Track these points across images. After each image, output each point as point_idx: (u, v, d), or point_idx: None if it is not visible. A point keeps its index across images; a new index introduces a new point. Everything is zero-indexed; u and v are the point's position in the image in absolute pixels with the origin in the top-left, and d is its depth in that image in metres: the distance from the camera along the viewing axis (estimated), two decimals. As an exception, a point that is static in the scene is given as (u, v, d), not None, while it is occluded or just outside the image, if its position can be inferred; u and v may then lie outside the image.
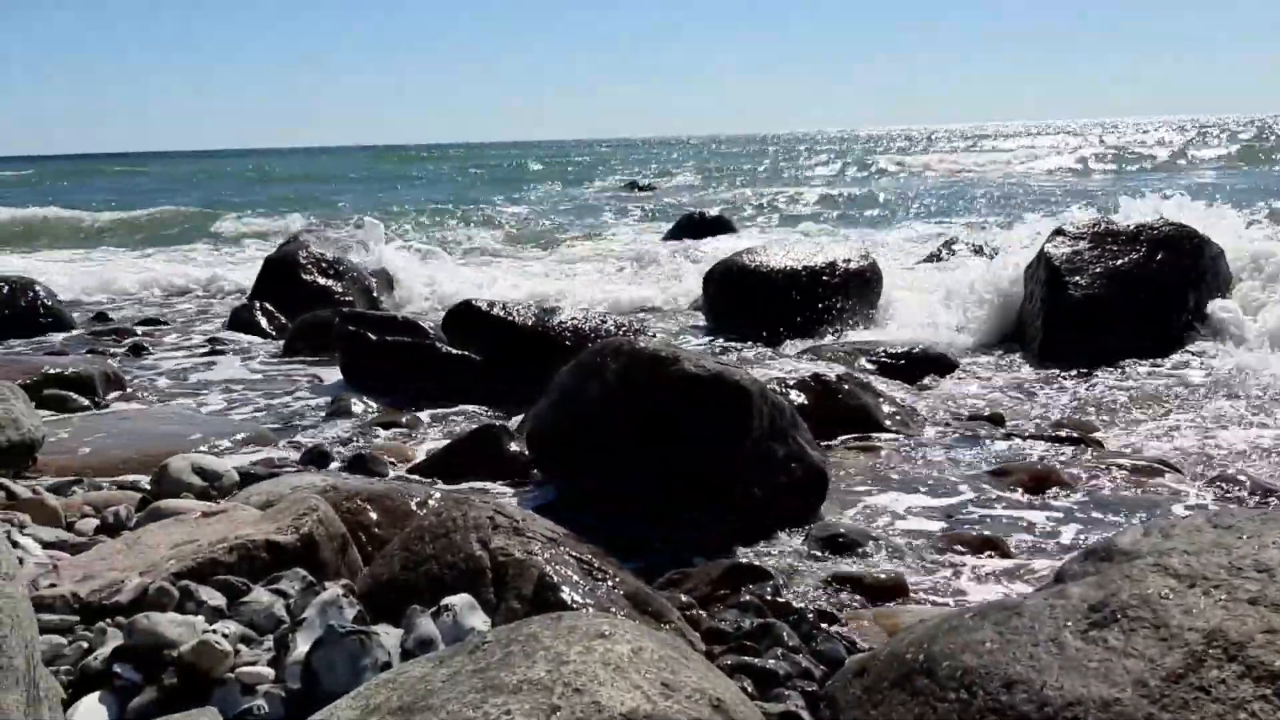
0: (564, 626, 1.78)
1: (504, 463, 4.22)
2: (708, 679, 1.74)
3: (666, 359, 3.67)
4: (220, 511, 2.93)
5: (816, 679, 2.40)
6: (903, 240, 13.53)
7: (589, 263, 12.88)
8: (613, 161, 50.60)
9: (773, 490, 3.67)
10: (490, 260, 13.70)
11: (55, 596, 2.28)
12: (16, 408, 3.88)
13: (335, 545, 2.71)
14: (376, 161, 60.65)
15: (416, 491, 3.34)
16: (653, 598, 2.64)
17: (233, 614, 2.24)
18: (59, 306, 8.65)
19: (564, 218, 20.64)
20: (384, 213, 18.73)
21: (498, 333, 5.84)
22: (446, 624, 2.10)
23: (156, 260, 14.25)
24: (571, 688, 1.59)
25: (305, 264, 9.07)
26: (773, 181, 31.15)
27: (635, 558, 3.19)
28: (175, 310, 9.80)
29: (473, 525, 2.57)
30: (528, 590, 2.40)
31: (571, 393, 3.87)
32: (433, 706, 1.59)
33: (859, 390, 4.99)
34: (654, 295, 9.78)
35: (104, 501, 3.48)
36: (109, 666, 2.00)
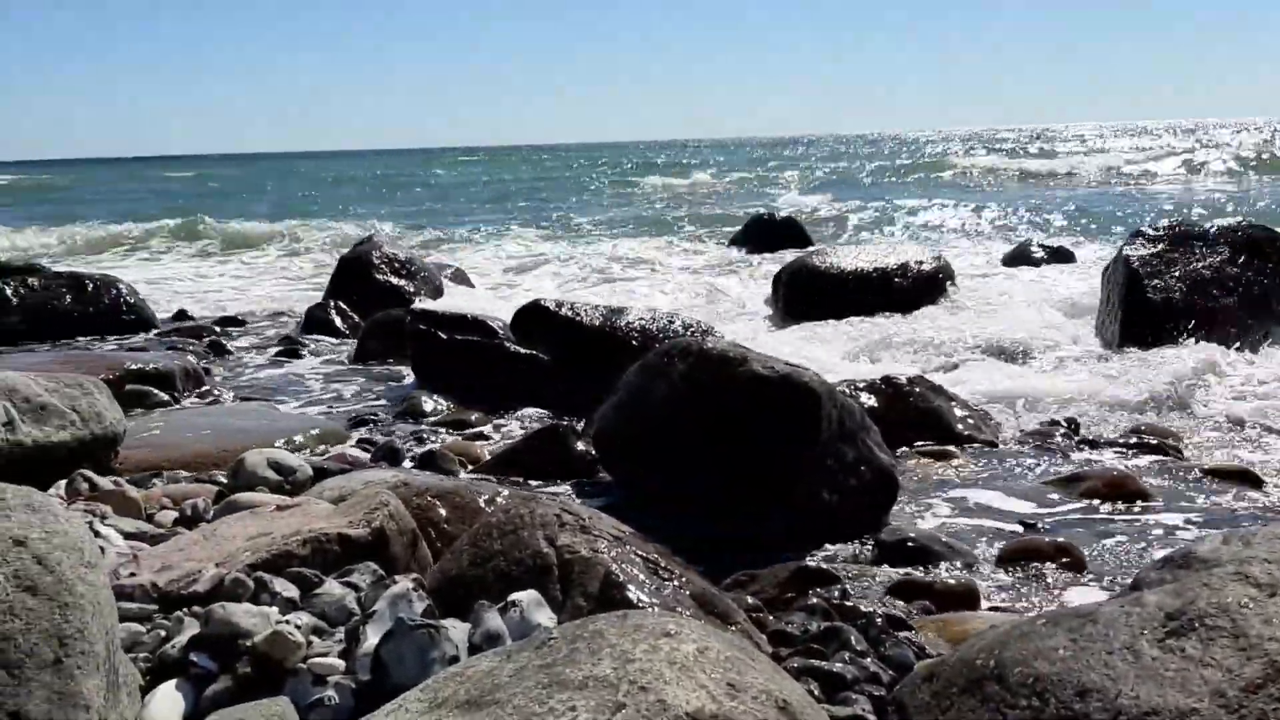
0: (630, 624, 1.78)
1: (571, 462, 4.24)
2: (774, 680, 1.72)
3: (734, 359, 3.66)
4: (294, 505, 2.98)
5: (884, 684, 2.37)
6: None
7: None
8: (691, 162, 49.87)
9: (841, 493, 3.64)
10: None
11: (135, 586, 2.33)
12: (100, 402, 3.99)
13: (405, 540, 2.74)
14: (437, 164, 60.14)
15: (485, 489, 3.37)
16: (719, 599, 2.63)
17: (305, 606, 2.27)
18: (140, 304, 8.87)
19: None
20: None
21: (565, 332, 5.87)
22: (513, 620, 2.11)
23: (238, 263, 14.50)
24: (637, 686, 1.59)
25: (377, 263, 9.21)
26: (902, 188, 26.68)
27: (701, 558, 3.19)
28: (253, 309, 10.00)
29: (540, 523, 2.58)
30: (594, 588, 2.41)
31: (638, 393, 3.87)
32: (499, 701, 1.60)
33: (930, 393, 4.93)
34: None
35: (182, 494, 3.57)
36: (186, 655, 2.04)
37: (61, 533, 1.74)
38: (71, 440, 3.79)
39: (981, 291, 9.28)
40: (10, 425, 3.62)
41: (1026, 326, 7.58)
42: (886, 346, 6.91)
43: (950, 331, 7.56)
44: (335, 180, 43.09)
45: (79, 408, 3.88)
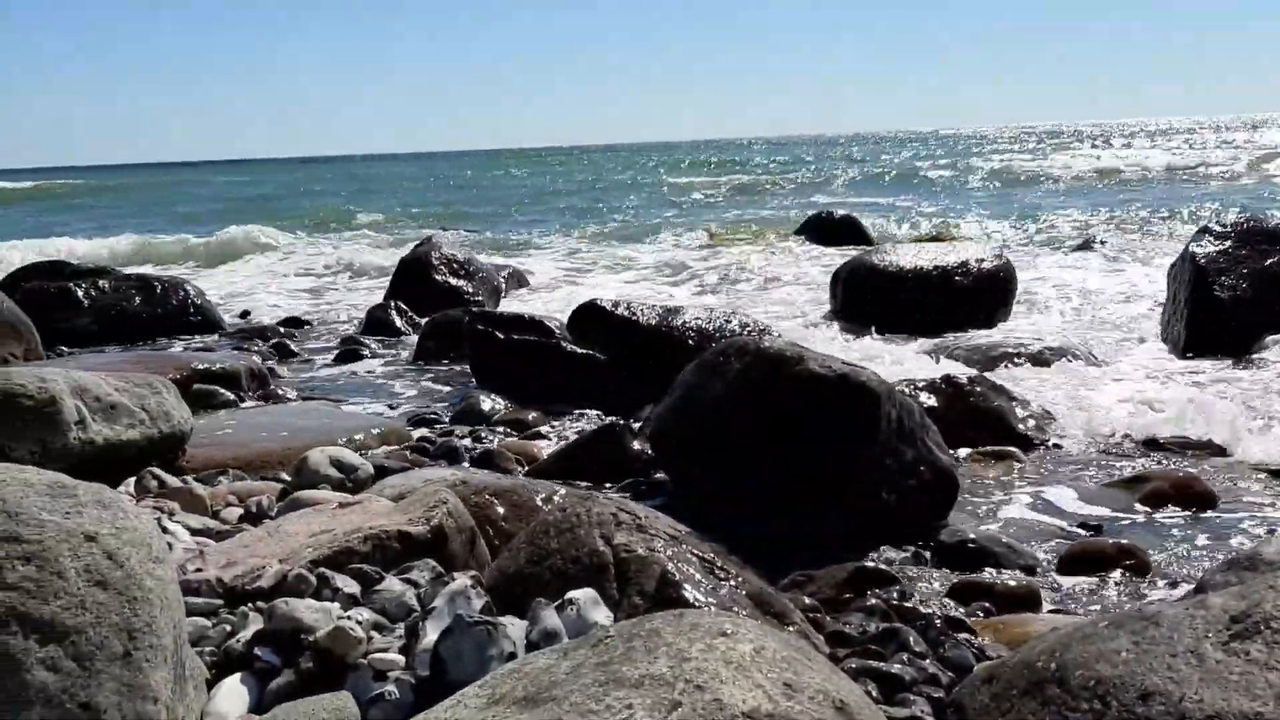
0: (686, 623, 1.78)
1: (627, 461, 4.25)
2: (831, 681, 1.72)
3: (791, 358, 3.64)
4: (355, 503, 3.03)
5: (943, 686, 2.35)
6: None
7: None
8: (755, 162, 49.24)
9: (900, 494, 3.61)
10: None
11: (201, 581, 2.39)
12: (168, 401, 4.08)
13: (464, 538, 2.77)
14: (494, 166, 59.68)
15: (542, 487, 3.39)
16: (776, 599, 2.62)
17: (366, 602, 2.30)
18: (207, 305, 9.05)
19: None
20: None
21: (621, 332, 5.88)
22: (570, 617, 2.13)
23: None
24: (693, 684, 1.59)
25: (436, 264, 9.31)
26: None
27: (758, 558, 3.17)
28: (316, 310, 10.15)
29: (596, 521, 2.59)
30: (650, 587, 2.42)
31: (694, 392, 3.87)
32: (556, 698, 1.61)
33: (991, 393, 4.87)
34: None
35: (247, 491, 3.63)
36: (250, 649, 2.08)
37: (131, 529, 1.78)
38: (141, 439, 3.88)
39: (1043, 290, 9.16)
40: (82, 424, 3.72)
41: (1087, 325, 7.47)
42: (949, 346, 6.84)
43: (1009, 332, 7.47)
44: (395, 182, 43.43)
45: (148, 407, 3.97)
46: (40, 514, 1.71)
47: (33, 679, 1.53)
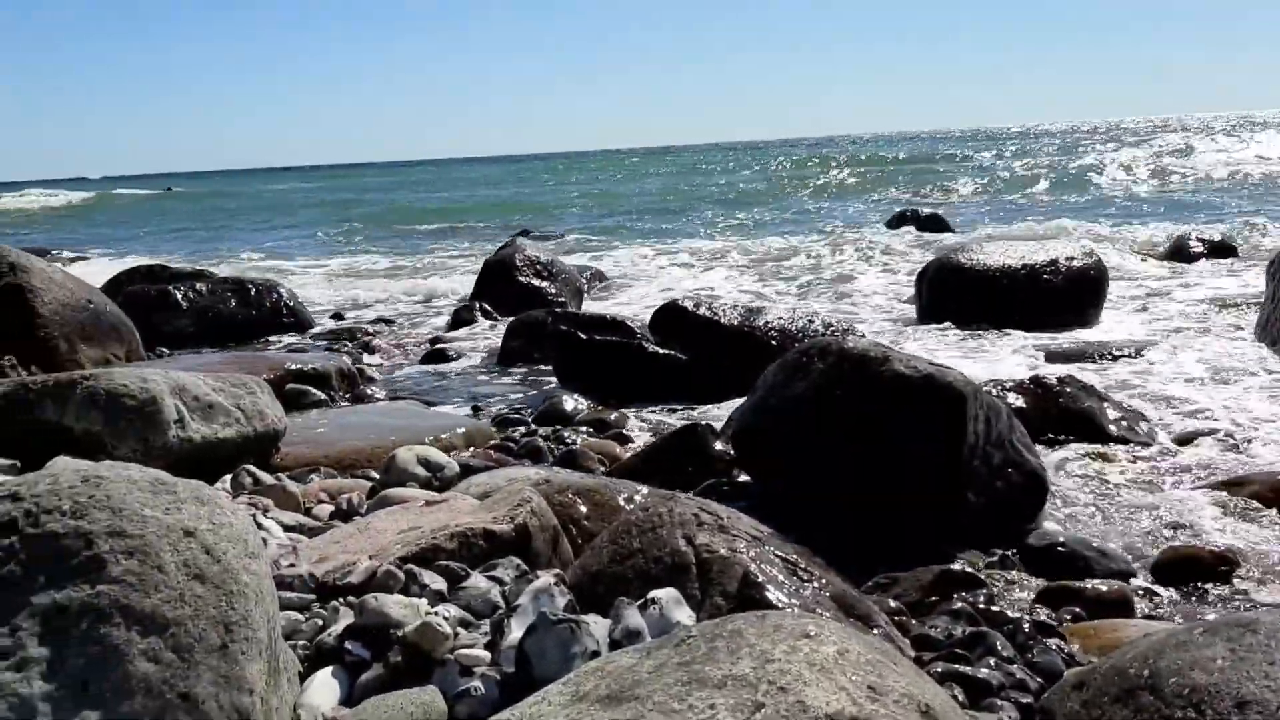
0: (769, 625, 1.78)
1: (709, 461, 4.24)
2: (916, 684, 1.70)
3: (876, 359, 3.61)
4: (442, 501, 3.08)
5: (1032, 691, 2.31)
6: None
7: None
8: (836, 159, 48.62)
9: (988, 496, 3.55)
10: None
11: (294, 576, 2.44)
12: (263, 400, 4.19)
13: (547, 536, 2.80)
14: (576, 169, 59.34)
15: (624, 487, 3.40)
16: (860, 601, 2.60)
17: (452, 598, 2.34)
18: (300, 307, 9.27)
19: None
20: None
21: (703, 332, 5.88)
22: (653, 617, 2.14)
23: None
24: (776, 686, 1.58)
25: (520, 266, 9.40)
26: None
27: (841, 560, 3.15)
28: (404, 311, 10.32)
29: (678, 521, 2.60)
30: (732, 587, 2.42)
31: (777, 392, 3.85)
32: (639, 697, 1.62)
33: (1081, 393, 4.76)
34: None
35: (338, 489, 3.72)
36: (341, 643, 2.13)
37: (228, 524, 1.83)
38: (236, 437, 3.99)
39: (1135, 290, 8.92)
40: (181, 423, 3.83)
41: (1180, 325, 7.26)
42: (1037, 346, 6.71)
43: (1100, 332, 7.30)
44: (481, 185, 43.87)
45: (243, 406, 4.08)
46: (142, 510, 1.77)
47: (135, 669, 1.58)
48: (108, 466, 1.88)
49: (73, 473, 1.84)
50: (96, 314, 6.81)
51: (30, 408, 3.87)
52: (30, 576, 1.67)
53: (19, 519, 1.74)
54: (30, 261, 6.83)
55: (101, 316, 6.83)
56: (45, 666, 1.58)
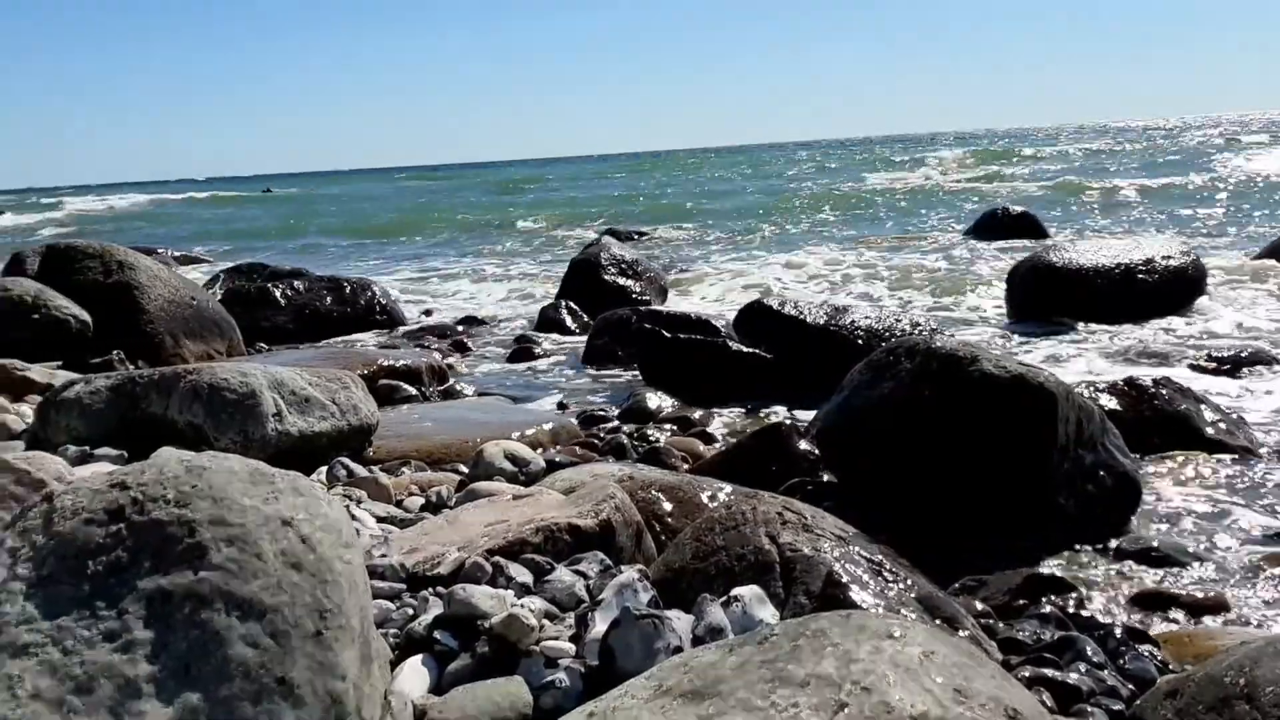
0: (853, 624, 1.77)
1: (793, 460, 4.22)
2: (1003, 688, 1.68)
3: (964, 358, 3.56)
4: (528, 495, 3.12)
5: (1123, 698, 2.26)
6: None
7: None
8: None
9: (1079, 499, 3.48)
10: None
11: (385, 566, 2.50)
12: (357, 395, 4.29)
13: (631, 531, 2.82)
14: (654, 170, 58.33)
15: (707, 484, 3.41)
16: (946, 603, 2.57)
17: (538, 591, 2.37)
18: (393, 305, 9.46)
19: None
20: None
21: (788, 331, 5.85)
22: (736, 614, 2.14)
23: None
24: (860, 686, 1.58)
25: (606, 265, 9.46)
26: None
27: (927, 561, 3.12)
28: (491, 309, 10.46)
29: (762, 519, 2.60)
30: (816, 587, 2.41)
31: (863, 392, 3.82)
32: (722, 693, 1.63)
33: (1177, 395, 4.63)
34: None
35: (428, 482, 3.79)
36: (430, 632, 2.17)
37: (323, 515, 1.88)
38: (331, 430, 4.10)
39: (1235, 291, 8.63)
40: (279, 416, 3.95)
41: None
42: (1132, 347, 6.54)
43: (1198, 333, 7.08)
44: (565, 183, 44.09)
45: (338, 400, 4.18)
46: (242, 499, 1.83)
47: (234, 654, 1.64)
48: (209, 457, 1.95)
49: (177, 463, 1.91)
50: (199, 311, 7.04)
51: (137, 400, 4.03)
52: (136, 562, 1.74)
53: (126, 506, 1.82)
54: (137, 259, 7.09)
55: (204, 313, 7.06)
56: (149, 649, 1.64)
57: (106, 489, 1.86)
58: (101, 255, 6.96)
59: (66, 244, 7.27)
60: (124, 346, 6.43)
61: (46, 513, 1.85)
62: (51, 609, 1.70)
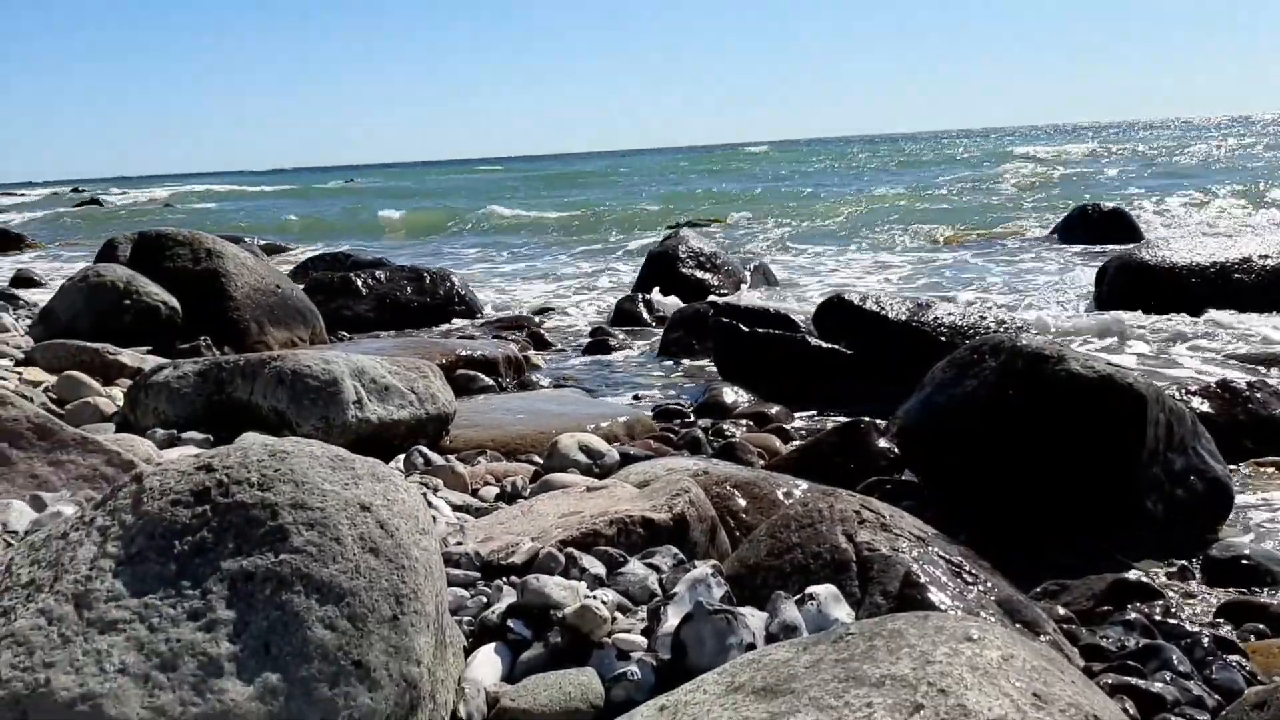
0: (930, 625, 1.74)
1: (872, 458, 4.18)
2: (1084, 695, 1.64)
3: (1050, 357, 3.48)
4: (602, 487, 3.13)
5: (1209, 709, 2.20)
6: None
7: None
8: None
9: (1167, 504, 3.38)
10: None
11: (460, 554, 2.53)
12: (435, 385, 4.35)
13: (705, 526, 2.81)
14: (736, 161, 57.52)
15: (783, 481, 3.38)
16: (1027, 606, 2.52)
17: (610, 583, 2.38)
18: (471, 296, 9.56)
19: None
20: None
21: (869, 327, 5.78)
22: (810, 612, 2.12)
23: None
24: (936, 688, 1.55)
25: (684, 258, 9.45)
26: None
27: (1008, 564, 3.06)
28: (569, 301, 10.52)
29: (839, 517, 2.57)
30: (893, 587, 2.38)
31: (945, 390, 3.76)
32: (795, 691, 1.61)
33: (1273, 399, 4.47)
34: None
35: (503, 472, 3.82)
36: (504, 621, 2.19)
37: (401, 501, 1.91)
38: (410, 419, 4.16)
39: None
40: (359, 403, 4.01)
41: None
42: (1226, 349, 6.34)
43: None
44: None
45: (417, 389, 4.24)
46: (323, 484, 1.86)
47: (313, 635, 1.67)
48: (292, 442, 1.99)
49: (260, 447, 1.95)
50: (284, 299, 7.18)
51: (223, 385, 4.13)
52: (220, 542, 1.78)
53: (211, 489, 1.86)
54: (225, 247, 7.26)
55: (288, 301, 7.21)
56: (231, 628, 1.68)
57: (193, 471, 1.91)
58: (190, 243, 7.15)
59: (157, 231, 7.48)
60: (211, 333, 6.59)
61: (136, 493, 1.90)
62: (139, 586, 1.74)
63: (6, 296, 9.88)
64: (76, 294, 6.52)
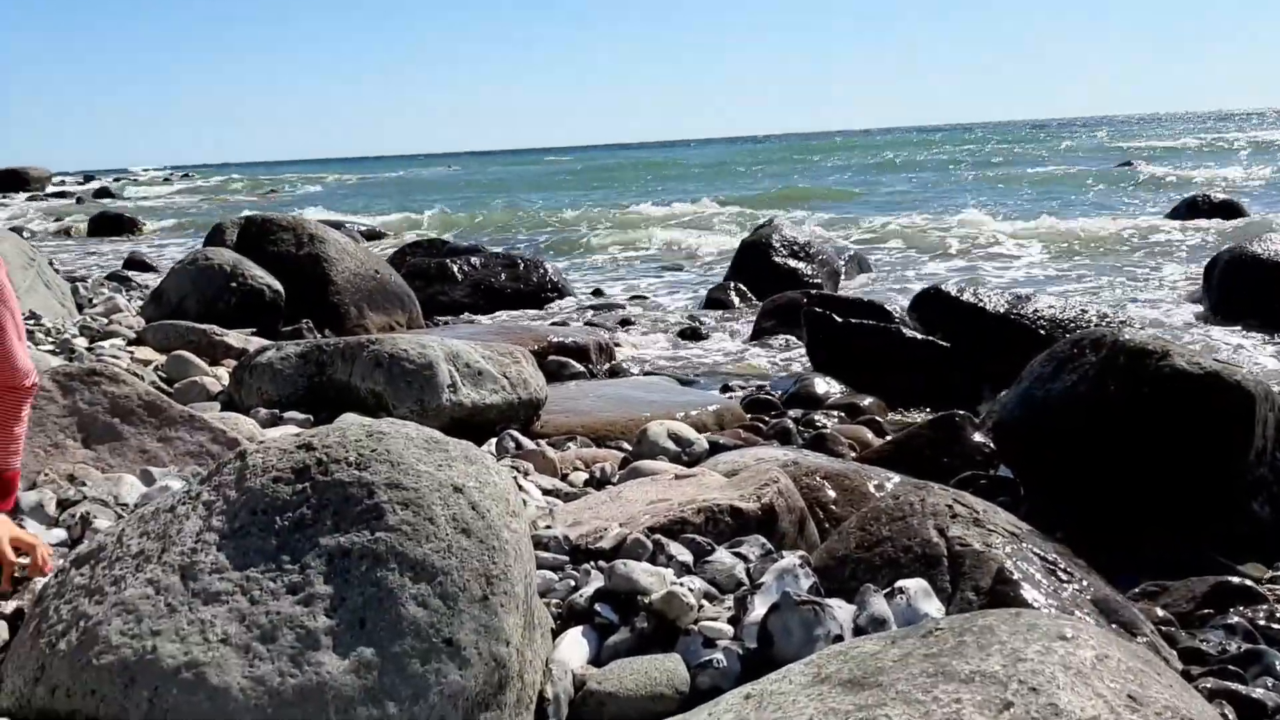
0: (1023, 623, 1.71)
1: (966, 452, 4.10)
2: (1181, 699, 1.59)
3: (1154, 352, 3.38)
4: (690, 475, 3.13)
5: (1314, 719, 2.12)
6: None
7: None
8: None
9: (1275, 506, 3.27)
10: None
11: (550, 537, 2.56)
12: (527, 370, 4.40)
13: (794, 517, 2.80)
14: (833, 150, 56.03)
15: (874, 474, 3.35)
16: (1124, 607, 2.46)
17: (698, 571, 2.38)
18: (563, 283, 9.64)
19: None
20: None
21: (966, 318, 5.68)
22: (899, 606, 2.10)
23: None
24: (1027, 686, 1.53)
25: (777, 246, 9.38)
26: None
27: (1106, 564, 2.98)
28: (660, 288, 10.54)
29: (931, 512, 2.54)
30: (985, 583, 2.34)
31: (1043, 384, 3.68)
32: (882, 684, 1.60)
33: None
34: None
35: (592, 458, 3.85)
36: (591, 605, 2.21)
37: (493, 484, 1.94)
38: (502, 403, 4.22)
39: None
40: (453, 387, 4.08)
41: None
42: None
43: None
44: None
45: (509, 374, 4.30)
46: (418, 465, 1.90)
47: (406, 612, 1.71)
48: (388, 423, 2.03)
49: (358, 427, 2.00)
50: (383, 283, 7.34)
51: (323, 367, 4.24)
52: (319, 519, 1.83)
53: (311, 467, 1.91)
54: (327, 233, 7.44)
55: (387, 286, 7.36)
56: (328, 602, 1.73)
57: (294, 449, 1.97)
58: (294, 228, 7.34)
59: (263, 216, 7.70)
60: (312, 315, 6.77)
61: (240, 469, 1.97)
62: (241, 560, 1.81)
63: (120, 278, 10.27)
64: (185, 276, 6.75)
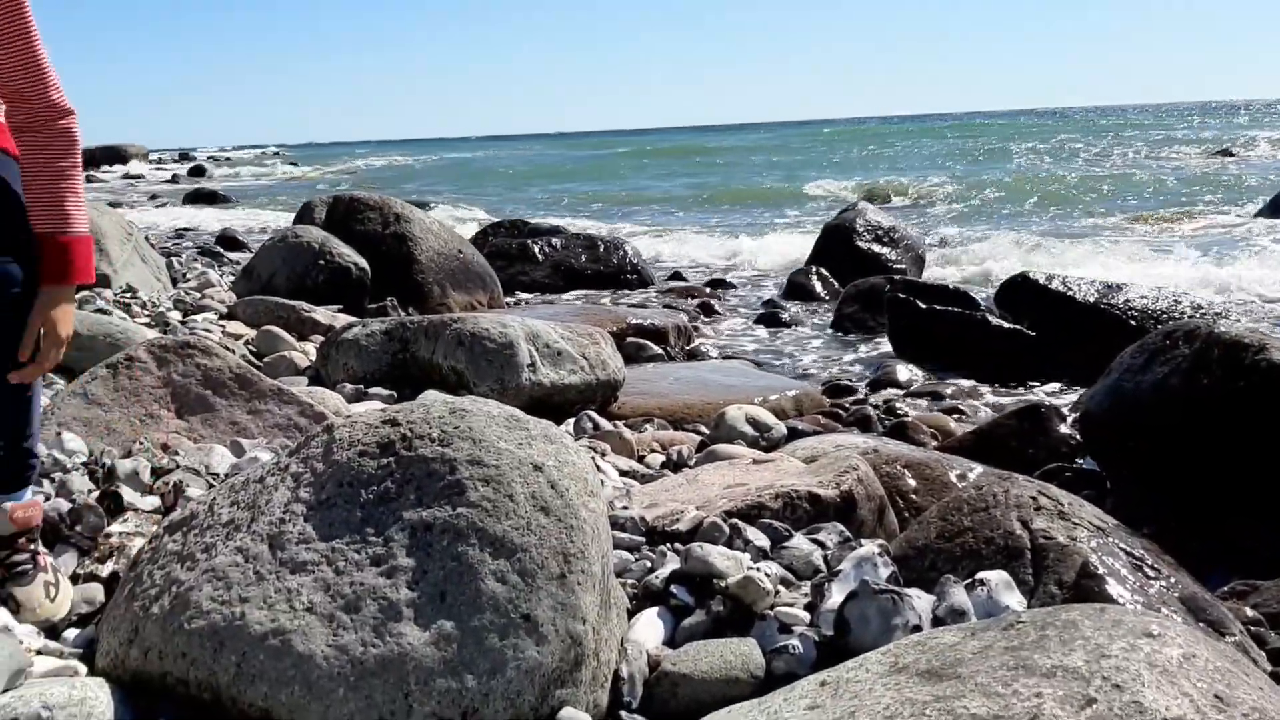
0: (1107, 619, 1.68)
1: (1052, 444, 4.03)
2: (1270, 700, 1.55)
3: (1251, 345, 3.27)
4: (768, 460, 3.12)
5: None
6: None
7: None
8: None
9: (1378, 507, 3.15)
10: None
11: (626, 518, 2.57)
12: (605, 351, 4.42)
13: (873, 505, 2.77)
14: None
15: (956, 463, 3.30)
16: (1212, 605, 2.39)
17: (774, 556, 2.38)
18: (643, 265, 9.65)
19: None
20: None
21: (1055, 308, 5.56)
22: (980, 598, 2.07)
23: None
24: (1111, 683, 1.50)
25: (860, 231, 9.27)
26: None
27: (1195, 561, 2.91)
28: (740, 273, 10.49)
29: (1014, 503, 2.50)
30: (1068, 577, 2.29)
31: (1134, 376, 3.59)
32: (961, 676, 1.58)
33: None
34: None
35: (669, 440, 3.86)
36: (667, 586, 2.22)
37: (571, 463, 1.95)
38: (580, 384, 4.24)
39: None
40: (533, 367, 4.12)
41: None
42: None
43: None
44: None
45: (588, 355, 4.32)
46: (498, 443, 1.92)
47: (485, 587, 1.74)
48: (470, 401, 2.06)
49: (441, 404, 2.03)
50: (465, 263, 7.42)
51: (407, 344, 4.30)
52: (403, 493, 1.87)
53: (396, 442, 1.95)
54: (413, 213, 7.54)
55: (470, 265, 7.44)
56: (410, 575, 1.76)
57: (379, 424, 2.01)
58: (381, 207, 7.46)
59: (350, 196, 7.83)
60: (397, 294, 6.88)
61: (327, 443, 2.01)
62: (327, 531, 1.85)
63: (213, 254, 10.54)
64: (275, 253, 6.90)
